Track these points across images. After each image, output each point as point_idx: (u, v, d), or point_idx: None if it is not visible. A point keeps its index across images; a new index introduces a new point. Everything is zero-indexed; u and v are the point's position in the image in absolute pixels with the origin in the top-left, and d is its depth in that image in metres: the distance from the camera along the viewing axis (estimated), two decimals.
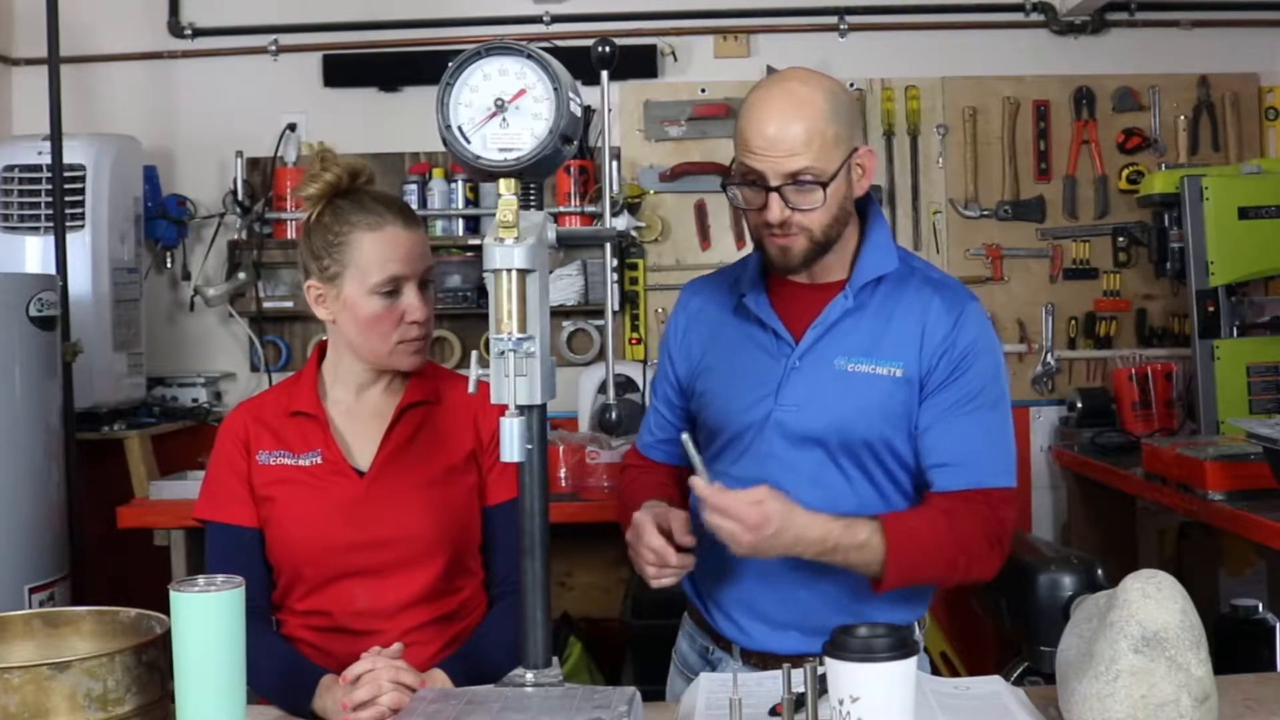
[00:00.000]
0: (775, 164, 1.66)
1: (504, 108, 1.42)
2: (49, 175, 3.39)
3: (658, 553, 1.67)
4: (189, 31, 4.06)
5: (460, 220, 3.92)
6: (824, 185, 1.66)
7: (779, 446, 1.76)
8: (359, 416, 1.85)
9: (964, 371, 1.74)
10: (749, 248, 1.87)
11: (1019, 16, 4.02)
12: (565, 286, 3.86)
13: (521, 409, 1.40)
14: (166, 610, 1.33)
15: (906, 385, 1.74)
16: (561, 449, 3.35)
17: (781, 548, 1.61)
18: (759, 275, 1.84)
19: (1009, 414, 1.79)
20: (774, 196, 1.67)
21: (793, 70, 1.76)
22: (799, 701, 1.34)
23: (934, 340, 1.74)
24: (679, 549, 1.68)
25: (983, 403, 1.75)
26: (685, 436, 1.63)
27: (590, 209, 3.80)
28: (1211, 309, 3.49)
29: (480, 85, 1.43)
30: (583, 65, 1.54)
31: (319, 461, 1.80)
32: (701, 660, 1.90)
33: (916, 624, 1.87)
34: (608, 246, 3.54)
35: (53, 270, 3.31)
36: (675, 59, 4.02)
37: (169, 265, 4.03)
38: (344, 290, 1.77)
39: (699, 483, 1.59)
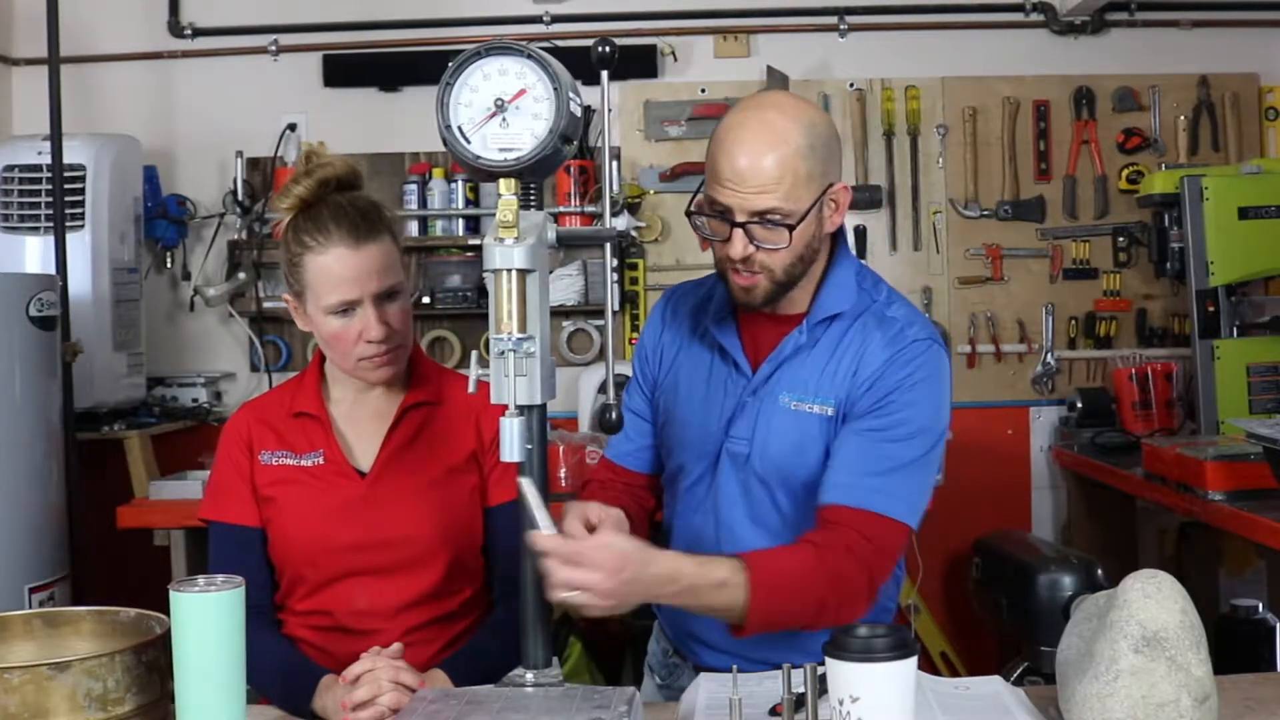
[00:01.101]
0: (743, 200, 1.59)
1: (504, 108, 1.42)
2: (49, 175, 3.39)
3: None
4: (189, 31, 4.06)
5: (460, 220, 3.92)
6: (791, 227, 1.60)
7: (729, 478, 1.73)
8: (361, 417, 1.85)
9: (885, 406, 1.64)
10: None
11: (1019, 16, 4.02)
12: (565, 286, 3.86)
13: (521, 409, 1.40)
14: (166, 610, 1.33)
15: (832, 424, 1.67)
16: (561, 449, 3.35)
17: (642, 591, 1.48)
18: (728, 299, 1.77)
19: (929, 458, 1.66)
20: (738, 232, 1.61)
21: (772, 97, 1.70)
22: (799, 701, 1.34)
23: (863, 375, 1.66)
24: None
25: (897, 435, 1.63)
26: (525, 480, 1.43)
27: (590, 209, 3.80)
28: (1211, 309, 3.49)
29: (480, 85, 1.43)
30: (583, 65, 1.53)
31: (321, 462, 1.80)
32: (663, 662, 1.91)
33: None
34: (608, 246, 3.52)
35: (53, 270, 3.31)
36: (675, 59, 4.02)
37: (169, 265, 4.03)
38: (307, 308, 1.77)
39: (539, 536, 1.42)
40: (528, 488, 1.42)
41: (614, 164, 3.93)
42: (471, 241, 3.89)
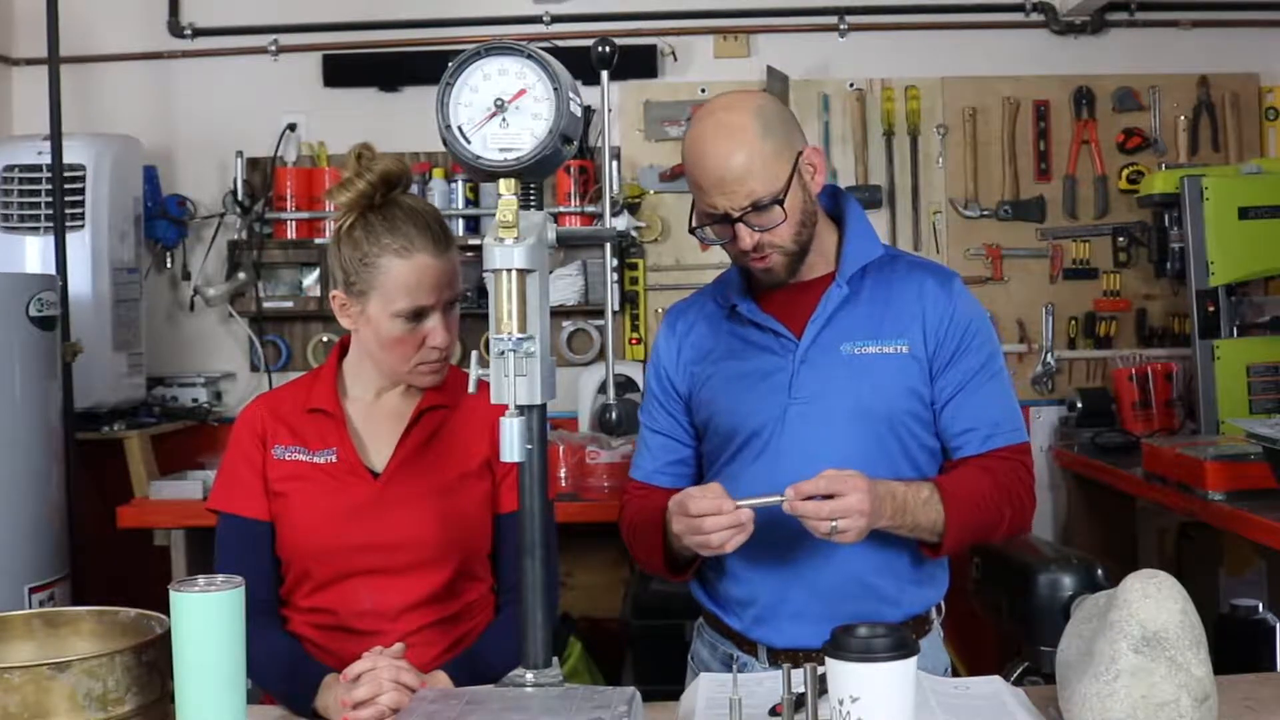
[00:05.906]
0: (729, 198, 1.71)
1: (504, 108, 1.42)
2: (49, 175, 3.40)
3: (719, 512, 1.62)
4: (189, 31, 4.06)
5: (460, 220, 3.92)
6: (780, 202, 1.72)
7: (799, 438, 1.78)
8: (376, 417, 1.84)
9: (969, 343, 1.82)
10: None
11: (1019, 16, 4.02)
12: (565, 286, 3.86)
13: (521, 409, 1.40)
14: (166, 610, 1.33)
15: (915, 361, 1.80)
16: (561, 449, 3.35)
17: (875, 508, 1.61)
18: (744, 284, 1.87)
19: (1008, 374, 1.91)
20: (739, 226, 1.73)
21: (717, 101, 1.79)
22: (799, 701, 1.34)
23: (935, 318, 1.81)
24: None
25: (993, 370, 1.85)
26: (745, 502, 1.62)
27: (590, 209, 3.80)
28: (1211, 309, 3.49)
29: (480, 85, 1.43)
30: (583, 65, 1.54)
31: (333, 460, 1.80)
32: (725, 668, 1.89)
33: (935, 609, 1.88)
34: (608, 246, 3.54)
35: (53, 270, 3.31)
36: (675, 59, 4.02)
37: (169, 265, 4.03)
38: (368, 309, 1.76)
39: (798, 489, 1.59)
40: (748, 502, 1.61)
41: (614, 164, 3.92)
42: (471, 241, 3.88)
